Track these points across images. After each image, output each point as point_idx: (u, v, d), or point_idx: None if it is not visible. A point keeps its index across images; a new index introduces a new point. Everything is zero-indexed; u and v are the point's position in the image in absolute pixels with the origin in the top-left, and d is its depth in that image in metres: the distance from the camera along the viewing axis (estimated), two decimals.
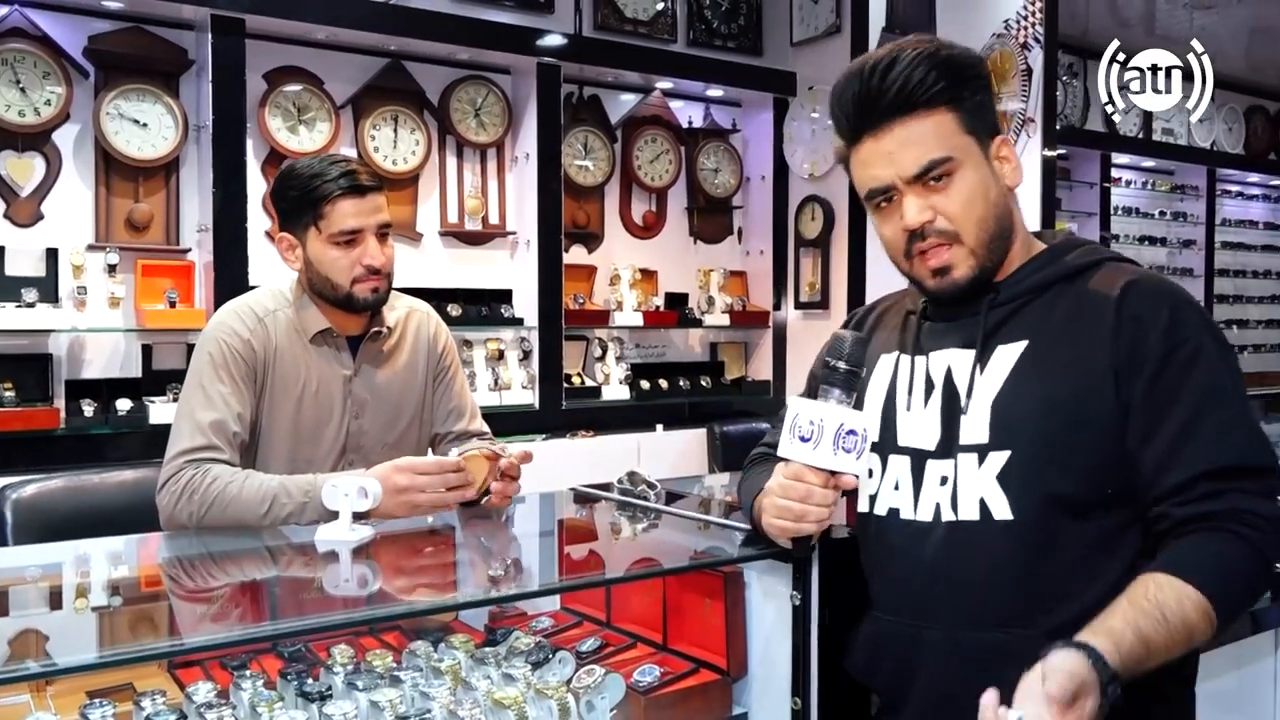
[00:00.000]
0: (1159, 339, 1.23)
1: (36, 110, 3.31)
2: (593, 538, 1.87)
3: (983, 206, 1.29)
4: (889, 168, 1.28)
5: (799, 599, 1.47)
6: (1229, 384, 1.25)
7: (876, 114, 1.27)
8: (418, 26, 3.83)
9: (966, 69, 1.29)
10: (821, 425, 1.24)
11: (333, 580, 1.55)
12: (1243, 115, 7.39)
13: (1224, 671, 2.21)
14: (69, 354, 3.42)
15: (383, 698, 1.41)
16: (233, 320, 1.93)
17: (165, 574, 1.65)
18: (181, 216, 3.57)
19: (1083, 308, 1.29)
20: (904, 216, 1.29)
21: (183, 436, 1.85)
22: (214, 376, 1.88)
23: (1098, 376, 1.24)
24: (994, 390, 1.29)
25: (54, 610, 1.50)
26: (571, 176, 4.37)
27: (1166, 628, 1.13)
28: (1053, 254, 1.35)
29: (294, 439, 1.94)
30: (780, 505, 1.30)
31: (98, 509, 2.19)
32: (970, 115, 1.28)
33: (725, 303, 4.71)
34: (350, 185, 1.89)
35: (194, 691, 1.41)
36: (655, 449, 4.19)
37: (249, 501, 1.76)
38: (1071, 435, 1.24)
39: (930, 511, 1.32)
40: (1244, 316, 7.54)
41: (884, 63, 1.26)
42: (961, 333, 1.35)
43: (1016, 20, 4.98)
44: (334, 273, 1.92)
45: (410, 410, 2.07)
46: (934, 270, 1.31)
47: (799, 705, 1.47)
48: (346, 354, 2.00)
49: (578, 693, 1.46)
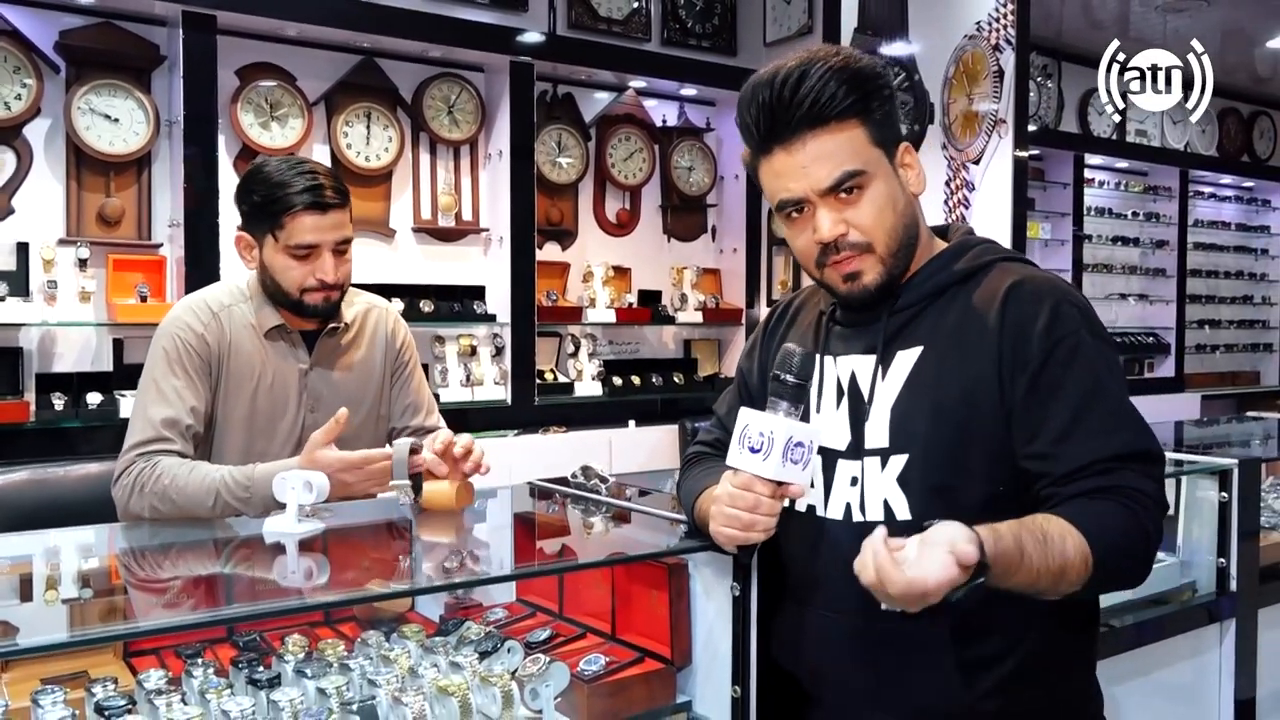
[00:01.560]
0: (1039, 338, 1.28)
1: (7, 105, 3.32)
2: (543, 529, 1.91)
3: (893, 217, 1.33)
4: (802, 181, 1.30)
5: (739, 590, 1.50)
6: (1107, 377, 1.28)
7: (789, 126, 1.28)
8: (391, 24, 3.85)
9: (874, 81, 1.31)
10: (771, 438, 1.27)
11: (278, 569, 1.58)
12: (1215, 117, 7.47)
13: (1174, 661, 2.27)
14: (39, 348, 3.43)
15: (329, 685, 1.44)
16: (187, 315, 1.95)
17: (117, 564, 1.68)
18: (153, 211, 3.58)
19: (971, 312, 1.33)
20: (818, 230, 1.31)
21: (135, 431, 1.88)
22: (167, 370, 1.91)
23: (984, 380, 1.29)
24: (893, 396, 1.35)
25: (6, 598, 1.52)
26: (545, 174, 4.40)
27: (1044, 550, 1.17)
28: (947, 258, 1.39)
29: (249, 432, 1.97)
30: (729, 514, 1.34)
31: (62, 501, 2.22)
32: (878, 127, 1.31)
33: (698, 300, 4.75)
34: (313, 201, 1.90)
35: (145, 679, 1.44)
36: (627, 445, 4.23)
37: (194, 494, 1.80)
38: (961, 438, 1.30)
39: (841, 510, 1.38)
40: (1216, 316, 7.63)
41: (795, 75, 1.27)
42: (864, 339, 1.39)
43: (989, 22, 5.03)
44: (285, 281, 1.94)
45: (367, 404, 2.09)
46: (845, 276, 1.35)
47: (738, 693, 1.51)
48: (303, 349, 2.03)
49: (522, 681, 1.50)
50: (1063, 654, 1.37)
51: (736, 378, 1.63)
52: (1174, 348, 7.03)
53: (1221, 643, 2.33)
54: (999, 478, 1.30)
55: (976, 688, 1.32)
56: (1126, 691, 2.14)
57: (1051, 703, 1.37)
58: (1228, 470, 2.28)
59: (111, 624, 1.39)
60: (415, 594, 1.77)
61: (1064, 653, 1.37)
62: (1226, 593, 2.30)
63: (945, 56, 4.94)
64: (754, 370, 1.57)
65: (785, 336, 1.52)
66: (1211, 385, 7.24)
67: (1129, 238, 7.04)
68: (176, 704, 1.38)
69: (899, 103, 4.77)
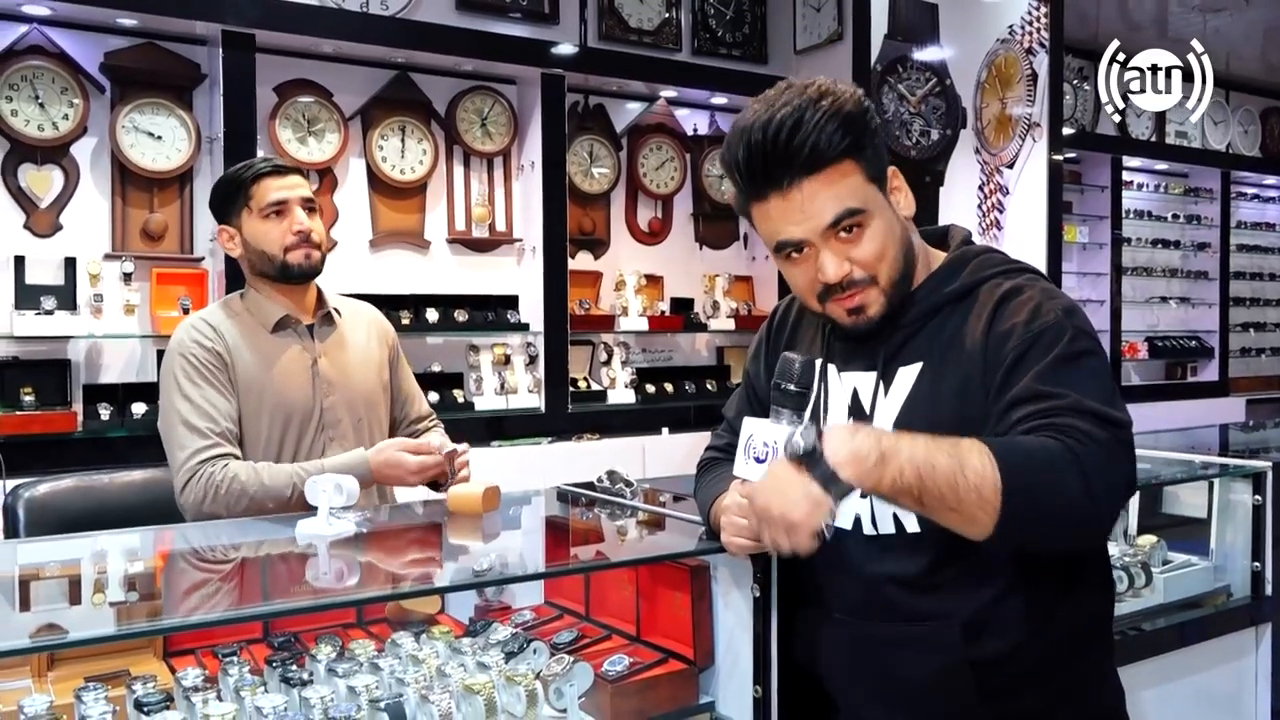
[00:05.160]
0: (1018, 333, 1.28)
1: (55, 124, 3.43)
2: (570, 532, 1.94)
3: (894, 249, 1.34)
4: (802, 224, 1.29)
5: (759, 592, 1.52)
6: (1084, 349, 1.25)
7: (786, 175, 1.27)
8: (424, 39, 3.92)
9: (864, 118, 1.30)
10: (775, 448, 1.29)
11: (311, 569, 1.62)
12: (1258, 117, 7.36)
13: (1209, 666, 2.25)
14: (86, 359, 3.53)
15: (359, 683, 1.49)
16: (189, 334, 2.06)
17: (159, 564, 1.73)
18: (195, 226, 3.67)
19: (965, 327, 1.34)
20: (823, 272, 1.31)
21: (184, 444, 1.97)
22: (191, 385, 2.00)
23: (973, 390, 1.30)
24: (894, 412, 1.36)
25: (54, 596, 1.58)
26: (577, 184, 4.44)
27: (951, 454, 1.14)
28: (944, 276, 1.39)
29: (272, 426, 2.06)
30: (738, 524, 1.37)
31: (106, 507, 2.30)
32: (870, 164, 1.31)
33: (731, 307, 4.77)
34: (271, 167, 2.12)
35: (183, 676, 1.49)
36: (661, 452, 4.25)
37: (273, 489, 1.92)
38: None
39: (850, 520, 1.40)
40: (1261, 320, 7.50)
41: (788, 125, 1.25)
42: (866, 357, 1.41)
43: (1021, 25, 5.02)
44: (268, 244, 2.08)
45: (374, 387, 2.20)
46: (850, 310, 1.35)
47: (760, 693, 1.53)
48: (309, 339, 2.14)
49: (546, 680, 1.53)
50: (1075, 654, 1.38)
51: (743, 381, 1.65)
52: (1217, 351, 6.92)
53: (1258, 647, 2.30)
54: None
55: (988, 688, 1.33)
56: (1160, 696, 2.12)
57: (1065, 701, 1.37)
58: (1261, 473, 2.26)
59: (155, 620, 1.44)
60: (444, 592, 1.81)
61: (1076, 652, 1.38)
62: (1262, 596, 2.27)
63: (978, 61, 4.93)
64: (760, 374, 1.58)
65: (791, 341, 1.54)
66: (1257, 389, 7.11)
67: (1169, 240, 6.95)
68: (212, 700, 1.43)
69: (893, 124, 4.76)
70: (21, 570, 1.70)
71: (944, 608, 1.34)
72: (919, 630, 1.35)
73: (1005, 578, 1.33)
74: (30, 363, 3.39)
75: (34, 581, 1.66)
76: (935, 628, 1.33)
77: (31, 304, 3.34)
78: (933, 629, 1.34)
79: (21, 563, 1.76)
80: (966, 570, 1.33)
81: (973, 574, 1.33)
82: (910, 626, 1.36)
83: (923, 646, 1.36)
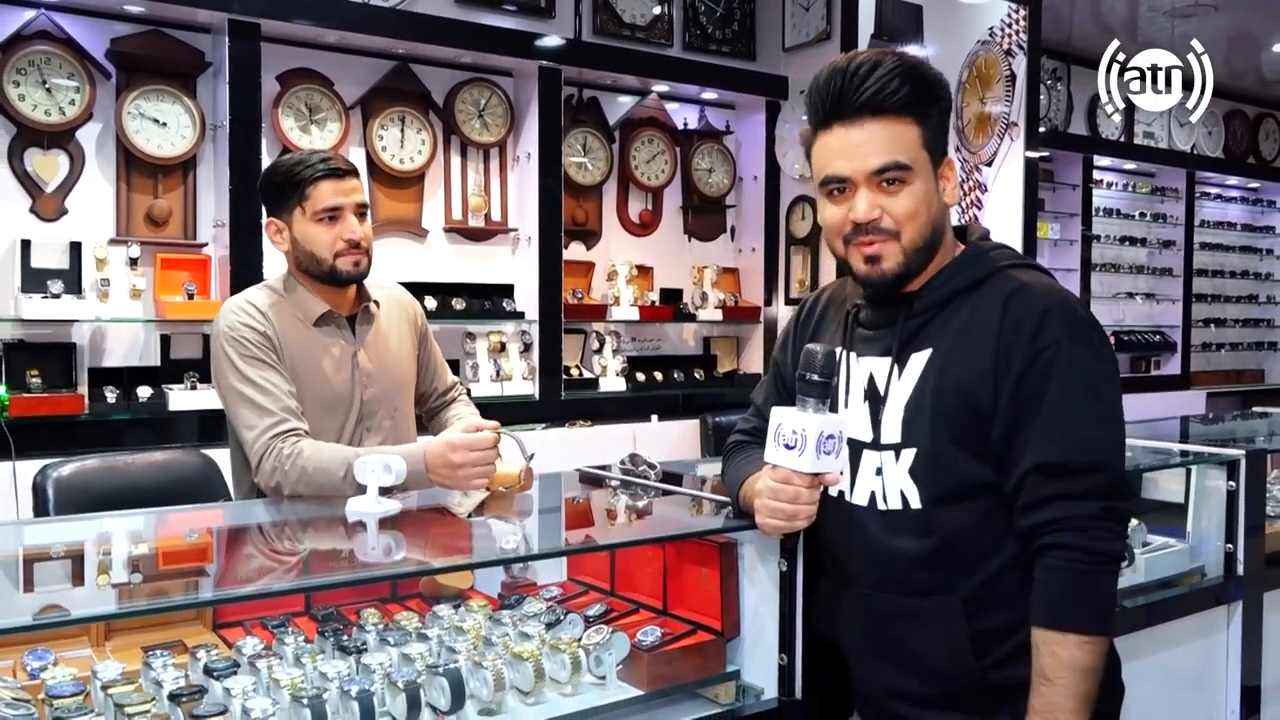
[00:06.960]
0: (1024, 346, 1.39)
1: (61, 110, 3.46)
2: (599, 512, 2.04)
3: (925, 215, 1.44)
4: (852, 161, 1.41)
5: (785, 566, 1.64)
6: (1077, 390, 1.38)
7: (851, 108, 1.39)
8: (424, 31, 3.99)
9: (936, 89, 1.44)
10: (804, 434, 1.39)
11: (361, 545, 1.71)
12: (1222, 119, 7.59)
13: (1183, 642, 2.39)
14: (92, 343, 3.57)
15: (413, 650, 1.58)
16: (238, 316, 2.07)
17: (213, 539, 1.82)
18: (199, 212, 3.72)
19: (976, 317, 1.45)
20: (855, 209, 1.43)
21: (255, 423, 1.98)
22: (249, 366, 2.02)
23: (983, 380, 1.41)
24: (906, 394, 1.47)
25: (103, 572, 1.66)
26: (571, 175, 4.53)
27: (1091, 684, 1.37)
28: (959, 265, 1.50)
29: (312, 416, 2.08)
30: (773, 507, 1.47)
31: (132, 487, 2.37)
32: (930, 133, 1.43)
33: (718, 298, 4.88)
34: (329, 169, 2.10)
35: (242, 645, 1.58)
36: (650, 438, 4.34)
37: (329, 468, 1.90)
38: (960, 434, 1.43)
39: (866, 497, 1.51)
40: (1222, 315, 7.74)
41: (867, 65, 1.39)
42: (882, 343, 1.52)
43: (1001, 28, 5.16)
44: (318, 248, 2.09)
45: (408, 375, 2.28)
46: (867, 258, 1.46)
47: (785, 661, 1.64)
48: (348, 331, 2.17)
49: (587, 648, 1.63)
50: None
51: (772, 369, 1.75)
52: (1180, 346, 7.15)
53: (1229, 624, 2.45)
54: (989, 471, 1.43)
55: (989, 658, 1.45)
56: (1135, 671, 2.24)
57: None
58: (1235, 461, 2.41)
59: (219, 589, 1.53)
60: (491, 565, 1.89)
61: None
62: (1234, 576, 2.42)
63: (959, 61, 5.06)
64: (788, 363, 1.67)
65: (816, 331, 1.64)
66: (1217, 383, 7.35)
67: (1136, 238, 7.16)
68: (278, 666, 1.52)
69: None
70: (80, 545, 1.78)
71: (948, 582, 1.46)
72: (924, 603, 1.47)
73: (1005, 555, 1.44)
74: (37, 346, 3.43)
75: (100, 555, 1.73)
76: (939, 601, 1.45)
77: (38, 288, 3.38)
78: (936, 602, 1.46)
79: (79, 538, 1.84)
80: (968, 546, 1.45)
81: (974, 550, 1.45)
82: (918, 600, 1.48)
83: (928, 618, 1.47)
